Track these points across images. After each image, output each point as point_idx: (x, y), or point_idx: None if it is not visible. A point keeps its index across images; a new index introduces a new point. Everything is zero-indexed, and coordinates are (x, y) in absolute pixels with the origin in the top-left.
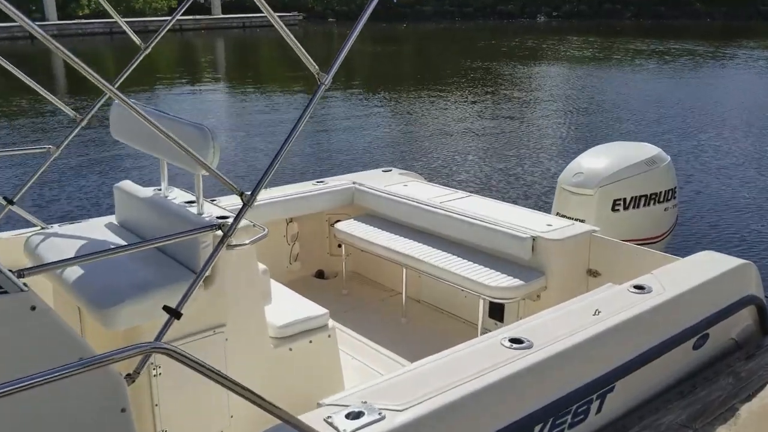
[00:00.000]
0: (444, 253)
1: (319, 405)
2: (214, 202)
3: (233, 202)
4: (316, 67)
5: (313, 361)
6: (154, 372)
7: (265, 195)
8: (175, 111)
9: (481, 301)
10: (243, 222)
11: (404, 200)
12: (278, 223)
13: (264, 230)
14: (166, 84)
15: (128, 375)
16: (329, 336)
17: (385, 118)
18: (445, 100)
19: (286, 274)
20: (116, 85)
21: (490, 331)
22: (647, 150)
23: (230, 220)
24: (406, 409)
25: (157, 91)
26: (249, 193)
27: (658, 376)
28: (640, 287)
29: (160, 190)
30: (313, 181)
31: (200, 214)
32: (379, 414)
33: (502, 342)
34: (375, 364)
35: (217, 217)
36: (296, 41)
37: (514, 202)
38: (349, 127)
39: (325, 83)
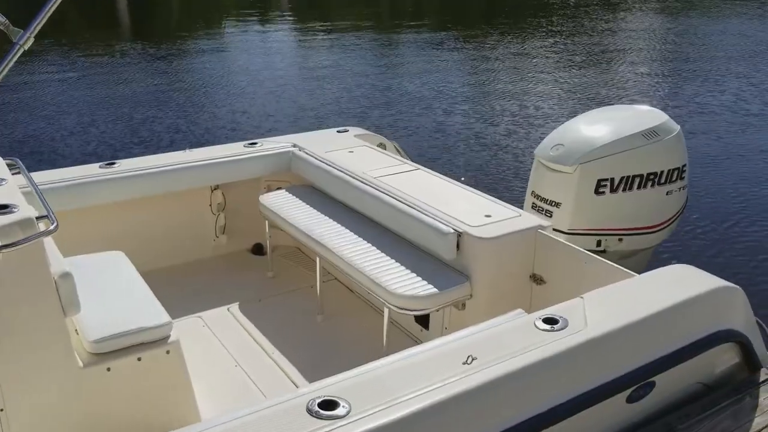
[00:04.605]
0: (364, 243)
1: None
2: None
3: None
4: (5, 20)
5: (145, 385)
6: None
7: (182, 158)
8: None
9: (386, 311)
10: (21, 215)
11: (337, 171)
12: (201, 190)
13: (53, 223)
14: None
15: None
16: (168, 352)
17: (373, 67)
18: (473, 46)
19: (212, 249)
20: None
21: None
22: (650, 118)
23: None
24: None
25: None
26: None
27: None
28: (552, 321)
29: None
30: (245, 143)
31: None
32: None
33: (309, 406)
34: (264, 382)
35: None
36: None
37: (496, 175)
38: (320, 77)
39: (22, 43)
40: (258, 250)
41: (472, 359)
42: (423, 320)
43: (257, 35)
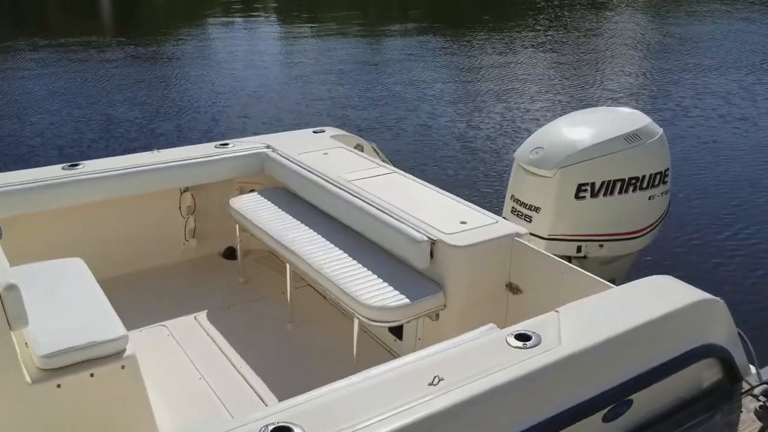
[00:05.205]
0: (335, 250)
1: None
2: None
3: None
4: None
5: (98, 402)
6: None
7: (150, 159)
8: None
9: (356, 322)
10: None
11: (310, 173)
12: (169, 192)
13: None
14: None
15: None
16: (123, 367)
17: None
18: (449, 40)
19: (181, 253)
20: None
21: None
22: (633, 121)
23: None
24: None
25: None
26: None
27: None
28: (524, 337)
29: None
30: (216, 143)
31: None
32: None
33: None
34: (229, 396)
35: None
36: None
37: (475, 178)
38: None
39: None
40: (230, 254)
41: (439, 380)
42: (396, 331)
43: (240, 34)
